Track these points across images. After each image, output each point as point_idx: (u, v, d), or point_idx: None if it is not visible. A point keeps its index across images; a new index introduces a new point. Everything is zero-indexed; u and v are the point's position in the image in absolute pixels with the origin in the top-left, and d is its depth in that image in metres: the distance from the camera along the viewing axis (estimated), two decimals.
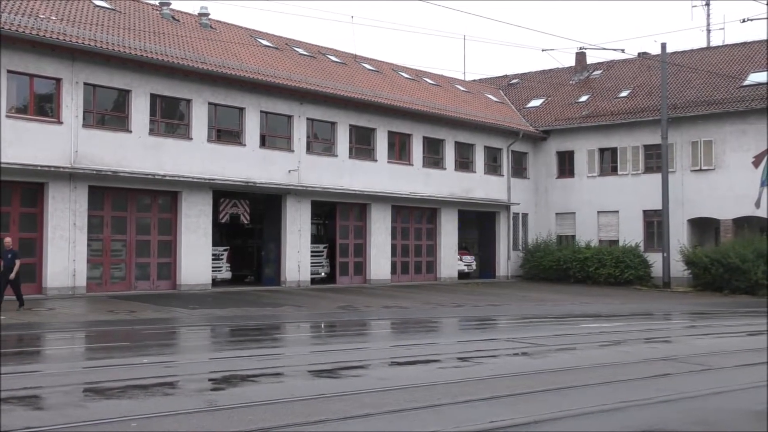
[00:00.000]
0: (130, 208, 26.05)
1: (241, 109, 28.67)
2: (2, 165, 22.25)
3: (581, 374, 11.38)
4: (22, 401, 9.02)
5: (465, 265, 37.92)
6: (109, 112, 25.65)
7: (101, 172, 24.40)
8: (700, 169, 35.97)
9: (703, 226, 37.00)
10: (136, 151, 25.51)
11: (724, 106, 35.41)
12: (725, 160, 35.37)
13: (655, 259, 36.11)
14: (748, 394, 10.08)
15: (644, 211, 37.57)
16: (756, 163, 34.58)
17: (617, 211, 38.37)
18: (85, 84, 24.46)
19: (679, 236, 35.67)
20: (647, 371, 11.65)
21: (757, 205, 34.43)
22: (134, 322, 18.49)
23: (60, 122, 23.91)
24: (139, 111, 25.70)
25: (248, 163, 28.54)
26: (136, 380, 10.45)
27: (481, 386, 10.26)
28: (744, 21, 31.93)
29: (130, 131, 25.48)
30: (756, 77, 36.05)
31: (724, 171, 35.36)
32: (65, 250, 23.86)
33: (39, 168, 23.08)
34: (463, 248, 38.45)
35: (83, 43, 24.09)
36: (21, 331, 16.45)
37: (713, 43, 47.50)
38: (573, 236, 39.43)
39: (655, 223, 37.12)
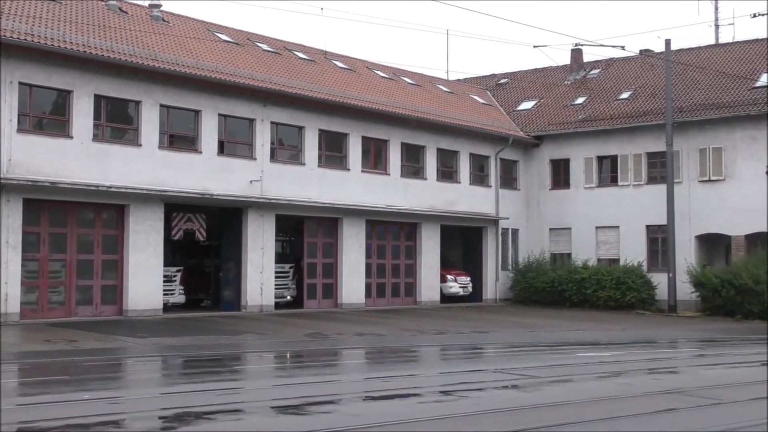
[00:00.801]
0: (70, 224, 25.88)
1: (197, 112, 28.63)
2: None
3: (577, 409, 11.41)
4: None
5: (460, 287, 37.74)
6: (47, 116, 25.51)
7: (38, 183, 24.23)
8: (709, 180, 36.31)
9: (712, 243, 37.32)
10: (78, 160, 25.37)
11: (735, 110, 35.81)
12: (736, 169, 35.74)
13: (659, 280, 36.35)
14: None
15: (647, 227, 37.86)
16: None
17: (617, 227, 38.63)
18: (20, 84, 24.30)
19: (686, 254, 35.93)
20: (650, 406, 11.69)
21: None
22: (74, 352, 18.32)
23: None
24: (82, 114, 25.57)
25: (205, 173, 28.48)
26: (77, 419, 10.34)
27: (466, 423, 10.27)
28: (755, 16, 32.39)
29: (71, 137, 25.34)
30: None
31: (735, 181, 35.73)
32: None
33: None
34: (452, 266, 38.46)
35: (18, 38, 23.93)
36: None
37: (722, 40, 48.12)
38: (569, 254, 39.62)
39: (660, 240, 37.40)
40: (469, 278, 38.30)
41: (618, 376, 15.61)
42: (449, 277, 37.43)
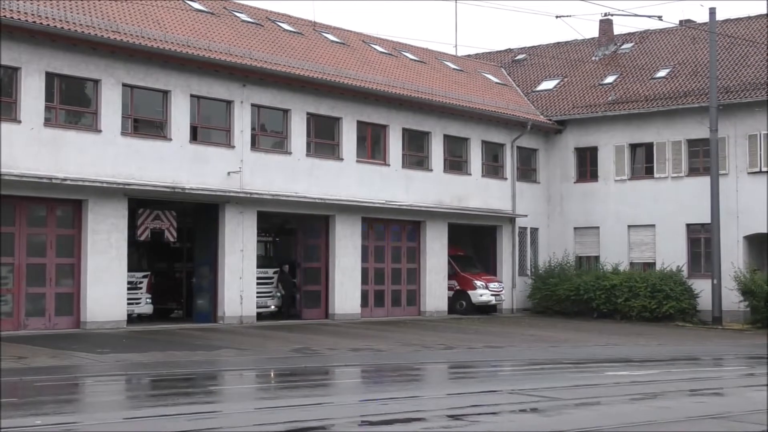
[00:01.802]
0: (18, 223, 25.87)
1: (166, 93, 28.65)
2: None
3: None
4: None
5: (492, 295, 37.22)
6: None
7: None
8: (760, 171, 36.34)
9: (764, 245, 37.35)
10: (28, 148, 25.35)
11: None
12: None
13: (702, 287, 36.38)
14: None
15: (688, 226, 37.94)
16: None
17: (653, 225, 38.70)
18: None
19: (733, 258, 35.99)
20: None
21: None
22: (24, 371, 18.30)
23: None
24: (31, 95, 25.55)
25: (175, 163, 28.51)
26: None
27: None
28: None
29: (19, 121, 25.32)
30: None
31: None
32: None
33: None
34: (473, 268, 38.15)
35: None
36: None
37: None
38: (596, 258, 39.69)
39: (703, 241, 37.48)
40: (501, 284, 37.94)
41: (654, 398, 15.62)
42: (478, 283, 37.01)
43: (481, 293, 36.92)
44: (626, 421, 12.77)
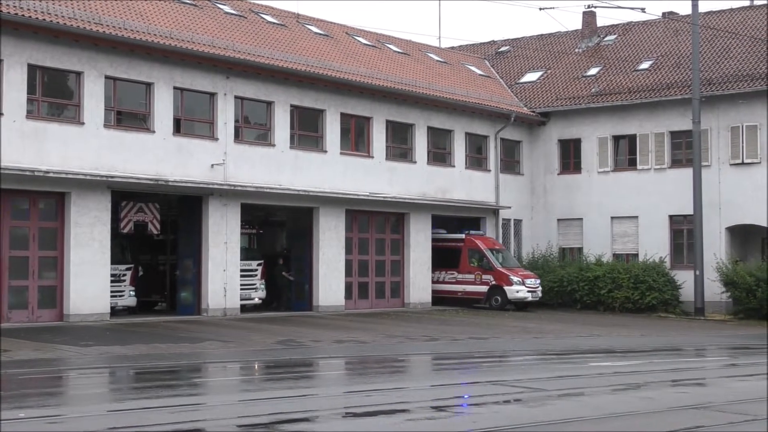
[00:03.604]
0: (1, 215, 25.78)
1: (149, 85, 28.58)
2: None
3: (589, 427, 11.50)
4: None
5: (529, 291, 36.24)
6: None
7: None
8: (742, 163, 36.52)
9: (745, 236, 37.56)
10: (10, 140, 25.23)
11: None
12: None
13: (684, 278, 36.56)
14: None
15: (671, 217, 38.10)
16: None
17: (636, 217, 38.84)
18: None
19: (715, 249, 36.16)
20: (674, 423, 11.79)
21: None
22: (7, 364, 18.20)
23: None
24: (14, 87, 25.45)
25: (158, 156, 28.45)
26: None
27: None
28: None
29: (1, 113, 25.21)
30: None
31: None
32: None
33: None
34: (515, 265, 37.72)
35: None
36: None
37: (758, 1, 48.23)
38: (580, 249, 39.82)
39: (685, 233, 37.64)
40: (537, 280, 36.86)
41: (637, 389, 15.69)
42: (515, 278, 36.14)
43: (518, 289, 35.96)
44: (609, 411, 12.83)
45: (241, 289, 30.86)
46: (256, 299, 31.72)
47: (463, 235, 37.55)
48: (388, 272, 36.15)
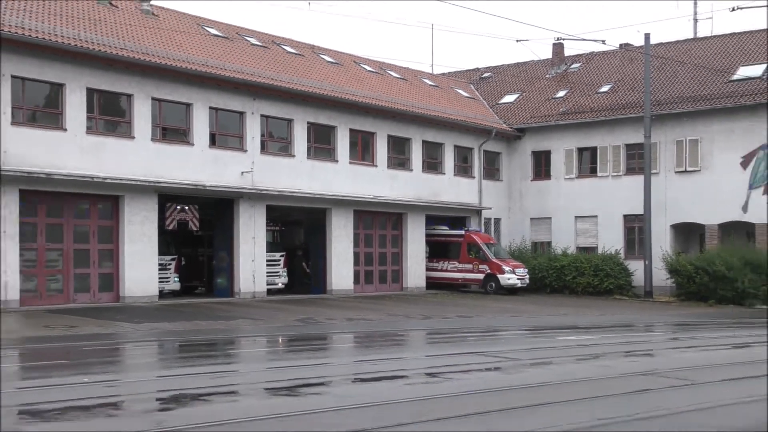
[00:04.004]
0: (66, 215, 25.87)
1: (189, 105, 28.63)
2: None
3: (557, 390, 11.58)
4: None
5: (518, 279, 36.06)
6: (40, 109, 25.42)
7: (33, 175, 24.18)
8: (685, 171, 36.56)
9: (687, 232, 37.61)
10: (72, 152, 25.34)
11: (712, 103, 36.04)
12: (712, 160, 35.98)
13: (636, 267, 36.60)
14: (734, 411, 10.30)
15: (625, 216, 38.11)
16: (745, 163, 35.19)
17: (596, 216, 38.87)
18: (12, 77, 24.18)
19: (661, 243, 36.22)
20: (627, 386, 11.86)
21: (745, 209, 35.06)
22: (73, 338, 18.34)
23: None
24: (75, 107, 25.53)
25: (197, 165, 28.51)
26: (77, 401, 10.42)
27: (451, 404, 10.42)
28: (734, 10, 32.16)
29: (65, 129, 25.31)
30: (746, 71, 36.68)
31: (710, 172, 35.97)
32: None
33: None
34: (508, 257, 37.44)
35: (10, 32, 23.74)
36: None
37: (700, 34, 48.35)
38: (549, 243, 39.87)
39: (637, 229, 37.66)
40: (526, 270, 36.71)
41: (596, 358, 15.78)
42: (506, 268, 36.02)
43: (509, 277, 35.88)
44: (573, 377, 12.93)
45: (267, 276, 30.90)
46: (280, 284, 31.75)
47: (463, 232, 37.51)
48: (389, 262, 36.18)
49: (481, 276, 36.56)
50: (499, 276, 36.01)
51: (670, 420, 9.66)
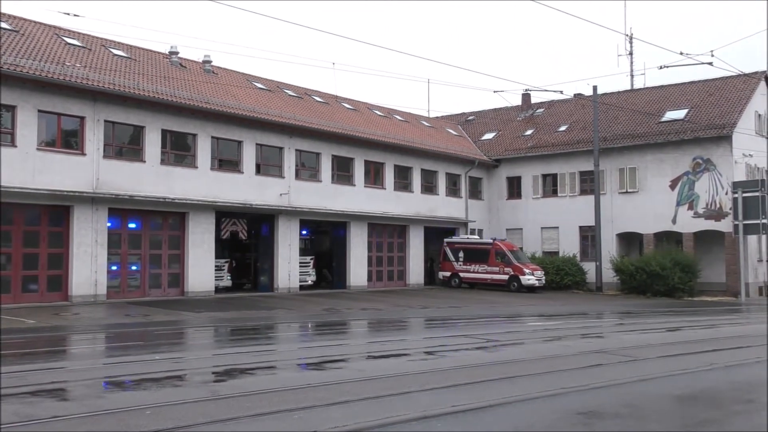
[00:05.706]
0: (144, 227, 25.84)
1: (239, 142, 28.60)
2: (30, 190, 22.07)
3: (528, 365, 11.46)
4: (50, 394, 8.90)
5: (536, 280, 34.20)
6: (126, 145, 25.42)
7: (119, 197, 24.20)
8: (627, 192, 36.37)
9: (629, 240, 37.38)
10: (149, 178, 25.34)
11: (646, 139, 35.85)
12: (647, 184, 35.78)
13: (589, 267, 36.39)
14: (668, 381, 10.19)
15: (580, 227, 37.87)
16: (672, 186, 35.09)
17: (557, 227, 38.65)
18: (105, 121, 24.28)
19: (609, 248, 36.00)
20: (583, 362, 11.75)
21: (674, 221, 34.95)
22: (148, 324, 18.34)
23: (83, 154, 23.72)
24: (152, 144, 25.56)
25: (246, 188, 28.44)
26: (150, 374, 10.38)
27: (444, 376, 10.29)
28: (661, 68, 32.57)
29: (144, 161, 25.32)
30: (672, 114, 36.67)
31: (646, 193, 35.78)
32: (88, 263, 23.61)
33: (66, 193, 22.89)
34: (528, 262, 35.61)
35: (103, 86, 23.97)
36: (49, 333, 16.23)
37: (636, 86, 48.13)
38: (521, 248, 39.59)
39: (590, 237, 37.43)
40: (542, 272, 35.17)
41: (559, 339, 15.64)
42: (527, 271, 34.57)
43: (529, 278, 34.42)
44: (541, 354, 12.77)
45: (300, 275, 30.78)
46: (309, 281, 31.62)
47: (491, 240, 36.11)
48: (395, 264, 35.99)
49: (506, 277, 34.91)
50: (521, 277, 34.53)
51: (618, 388, 9.54)
